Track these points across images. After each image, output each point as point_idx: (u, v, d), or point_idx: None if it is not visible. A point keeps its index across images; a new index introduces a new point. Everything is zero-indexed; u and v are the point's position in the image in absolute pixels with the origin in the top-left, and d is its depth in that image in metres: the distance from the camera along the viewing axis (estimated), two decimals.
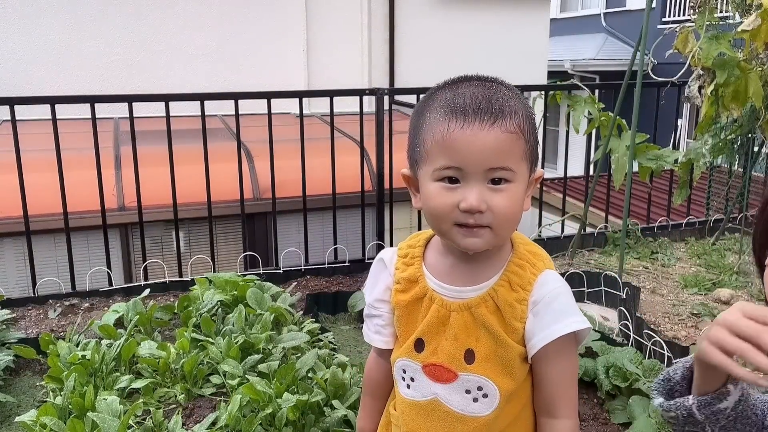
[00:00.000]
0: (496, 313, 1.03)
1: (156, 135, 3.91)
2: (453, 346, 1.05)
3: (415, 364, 1.09)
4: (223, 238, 4.57)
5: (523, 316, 1.03)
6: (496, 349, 1.03)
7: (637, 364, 2.40)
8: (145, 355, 2.42)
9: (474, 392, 1.05)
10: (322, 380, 2.17)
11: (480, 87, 1.00)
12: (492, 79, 1.04)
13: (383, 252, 1.18)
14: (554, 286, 1.04)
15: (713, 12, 3.14)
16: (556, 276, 1.06)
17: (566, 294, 1.05)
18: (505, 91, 1.01)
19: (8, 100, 3.28)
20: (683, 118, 7.81)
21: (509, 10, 8.58)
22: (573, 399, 1.07)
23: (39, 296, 3.32)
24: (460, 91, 0.99)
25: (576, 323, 1.02)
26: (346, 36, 7.98)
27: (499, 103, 0.97)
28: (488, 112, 0.96)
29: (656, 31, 3.91)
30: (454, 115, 0.96)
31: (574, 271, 3.48)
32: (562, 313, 1.02)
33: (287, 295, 2.94)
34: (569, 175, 4.64)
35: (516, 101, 1.00)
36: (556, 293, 1.03)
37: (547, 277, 1.05)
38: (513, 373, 1.04)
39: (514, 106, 0.98)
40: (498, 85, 1.02)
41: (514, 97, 1.00)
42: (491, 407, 1.05)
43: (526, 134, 0.99)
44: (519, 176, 0.99)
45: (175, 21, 7.28)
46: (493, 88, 1.00)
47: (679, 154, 3.75)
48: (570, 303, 1.04)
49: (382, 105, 3.84)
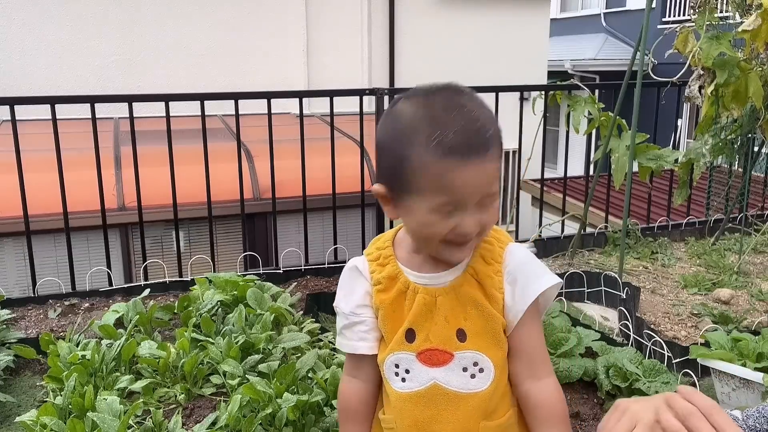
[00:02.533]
0: (479, 288, 1.10)
1: (156, 135, 3.91)
2: (445, 328, 1.09)
3: (409, 355, 1.11)
4: (223, 238, 4.57)
5: (500, 286, 1.10)
6: (484, 323, 1.09)
7: (637, 364, 2.40)
8: (145, 355, 2.42)
9: (471, 369, 1.09)
10: (322, 380, 2.17)
11: (460, 112, 0.99)
12: (463, 91, 1.03)
13: (352, 261, 1.20)
14: (521, 254, 1.12)
15: (713, 12, 3.14)
16: (521, 246, 1.14)
17: (534, 259, 1.14)
18: (479, 108, 1.01)
19: (8, 100, 3.28)
20: (683, 118, 7.82)
21: (509, 10, 8.59)
22: (548, 358, 1.16)
23: (39, 296, 3.32)
24: (443, 120, 0.98)
25: (550, 279, 1.10)
26: (346, 36, 7.98)
27: (484, 131, 0.99)
28: (480, 147, 0.98)
29: (656, 31, 3.91)
30: (451, 156, 0.97)
31: (574, 271, 3.48)
32: (535, 274, 1.11)
33: (287, 295, 2.94)
34: (569, 175, 4.63)
35: (488, 116, 1.02)
36: (525, 260, 1.12)
37: (513, 248, 1.13)
38: (500, 343, 1.10)
39: (492, 126, 1.01)
40: (472, 101, 1.02)
41: (486, 111, 1.02)
42: (488, 380, 1.09)
43: (500, 151, 1.03)
44: (497, 191, 1.05)
45: (175, 21, 7.29)
46: (473, 110, 1.00)
47: (679, 154, 3.75)
48: (538, 264, 1.13)
49: (382, 105, 3.84)
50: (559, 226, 4.42)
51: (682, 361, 2.59)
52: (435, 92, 1.03)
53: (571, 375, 2.45)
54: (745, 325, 2.89)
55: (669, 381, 2.33)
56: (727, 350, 2.34)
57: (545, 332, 2.57)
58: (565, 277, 3.42)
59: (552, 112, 5.49)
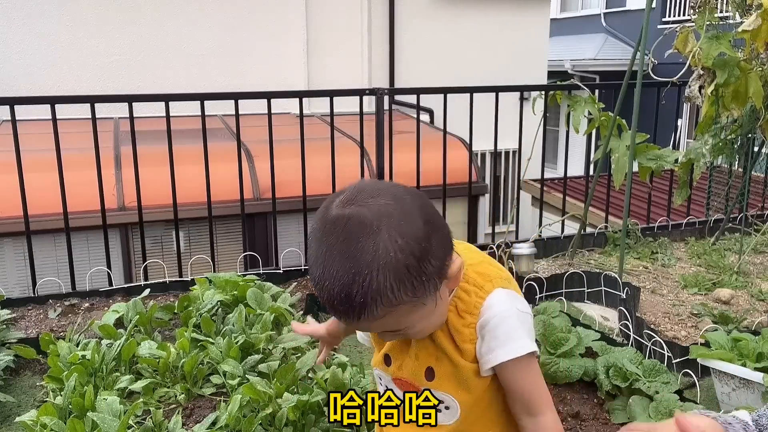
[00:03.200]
0: (449, 338, 1.07)
1: (156, 135, 3.91)
2: (415, 365, 1.10)
3: (387, 375, 1.16)
4: (223, 238, 4.57)
5: (472, 338, 1.06)
6: (453, 370, 1.08)
7: (637, 364, 2.40)
8: (145, 355, 2.42)
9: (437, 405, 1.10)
10: (322, 380, 2.17)
11: (337, 263, 0.89)
12: (351, 227, 0.90)
13: None
14: (499, 310, 1.04)
15: (713, 12, 3.14)
16: (504, 297, 1.05)
17: (511, 317, 1.04)
18: (364, 257, 0.88)
19: (8, 100, 3.28)
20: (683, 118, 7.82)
21: (509, 10, 8.59)
22: (545, 395, 1.10)
23: (39, 296, 3.32)
24: (320, 273, 0.92)
25: (519, 348, 1.03)
26: (346, 36, 7.98)
27: (362, 298, 0.89)
28: (350, 313, 0.91)
29: (656, 31, 3.91)
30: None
31: (574, 271, 3.48)
32: (508, 337, 1.03)
33: (287, 295, 2.94)
34: (569, 175, 4.63)
35: (384, 267, 0.88)
36: (501, 318, 1.03)
37: (493, 300, 1.04)
38: (470, 388, 1.08)
39: (383, 281, 0.88)
40: (357, 242, 0.89)
41: (382, 258, 0.88)
42: (453, 417, 1.10)
43: (405, 298, 0.91)
44: (418, 319, 0.99)
45: (175, 21, 7.29)
46: (350, 267, 0.88)
47: (679, 154, 3.74)
48: (514, 327, 1.04)
49: (382, 105, 3.84)
50: (559, 226, 4.42)
51: (682, 361, 2.59)
52: (326, 222, 0.93)
53: (571, 375, 2.45)
54: (745, 325, 2.90)
55: (669, 381, 2.33)
56: (727, 350, 2.34)
57: (545, 332, 2.57)
58: (565, 277, 3.42)
59: (552, 112, 5.50)
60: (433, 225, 0.95)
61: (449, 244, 0.99)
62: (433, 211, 0.99)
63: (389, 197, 0.94)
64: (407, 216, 0.92)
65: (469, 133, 4.08)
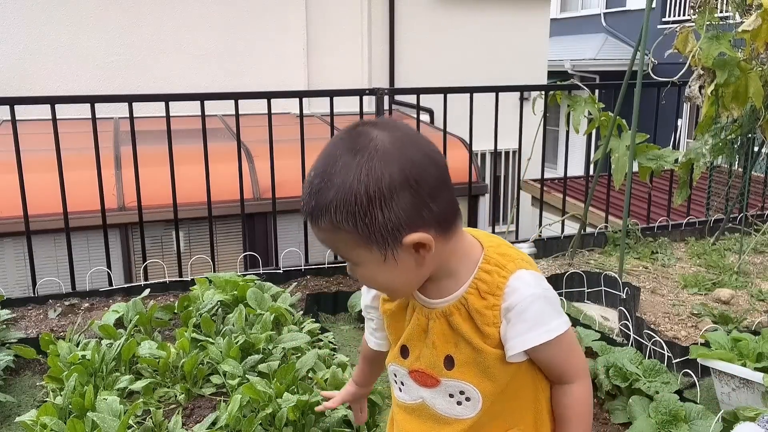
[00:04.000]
0: (469, 321, 1.03)
1: (156, 135, 3.91)
2: (432, 354, 1.07)
3: (403, 369, 1.12)
4: (223, 238, 4.57)
5: (496, 321, 1.02)
6: (474, 355, 1.04)
7: (637, 364, 2.40)
8: (145, 355, 2.42)
9: (457, 396, 1.07)
10: (322, 380, 2.17)
11: (321, 160, 0.97)
12: (351, 139, 0.97)
13: None
14: (527, 293, 1.00)
15: (713, 12, 3.14)
16: (528, 279, 1.02)
17: (539, 301, 1.01)
18: (340, 167, 0.93)
19: (8, 100, 3.28)
20: (683, 118, 7.82)
21: (509, 10, 8.59)
22: (579, 363, 1.08)
23: (39, 296, 3.32)
24: (315, 160, 1.01)
25: (551, 331, 1.01)
26: (346, 36, 7.98)
27: (317, 197, 0.94)
28: (304, 208, 0.97)
29: (656, 31, 3.91)
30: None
31: (574, 271, 3.48)
32: (536, 322, 1.00)
33: (287, 295, 2.94)
34: (569, 175, 4.64)
35: (341, 185, 0.92)
36: (529, 302, 1.00)
37: (518, 283, 1.01)
38: (493, 377, 1.04)
39: (334, 196, 0.92)
40: (340, 155, 0.95)
41: (345, 176, 0.92)
42: (475, 409, 1.06)
43: (344, 226, 0.93)
44: (364, 261, 0.97)
45: (175, 21, 7.29)
46: (329, 167, 0.94)
47: (679, 154, 3.75)
48: (543, 311, 1.01)
49: (382, 105, 3.84)
50: (559, 226, 4.42)
51: (682, 361, 2.59)
52: (337, 135, 1.02)
53: None
54: (745, 325, 2.90)
55: (669, 381, 2.33)
56: (727, 350, 2.34)
57: None
58: (565, 277, 3.42)
59: (552, 112, 5.50)
60: (412, 189, 0.93)
61: (419, 218, 0.94)
62: (431, 182, 0.95)
63: (400, 141, 0.95)
64: (390, 162, 0.92)
65: (469, 133, 4.08)
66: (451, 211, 1.00)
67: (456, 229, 1.02)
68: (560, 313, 1.04)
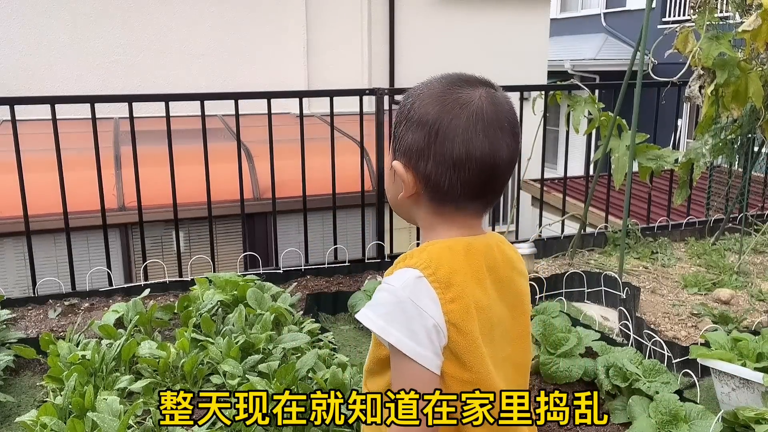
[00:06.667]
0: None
1: (156, 135, 3.91)
2: None
3: None
4: (223, 238, 4.57)
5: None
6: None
7: (637, 364, 2.40)
8: (145, 355, 2.42)
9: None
10: (322, 380, 2.17)
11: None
12: (463, 76, 1.08)
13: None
14: (386, 281, 1.01)
15: (713, 12, 3.14)
16: (403, 277, 0.99)
17: (387, 294, 0.98)
18: (434, 80, 1.06)
19: (8, 100, 3.28)
20: (683, 118, 7.82)
21: (509, 10, 8.59)
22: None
23: (39, 296, 3.32)
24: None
25: (364, 316, 0.99)
26: (346, 36, 7.98)
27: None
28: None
29: (656, 31, 3.91)
30: None
31: (574, 271, 3.48)
32: (369, 304, 1.01)
33: (287, 295, 2.94)
34: (569, 175, 4.63)
35: (417, 91, 1.06)
36: (381, 288, 1.00)
37: (397, 273, 1.01)
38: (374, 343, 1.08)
39: (408, 93, 1.07)
40: (450, 77, 1.06)
41: (423, 88, 1.05)
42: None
43: (397, 116, 1.08)
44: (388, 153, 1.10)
45: (175, 21, 7.29)
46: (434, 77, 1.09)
47: (679, 154, 3.75)
48: (380, 301, 0.99)
49: (382, 105, 3.84)
50: (559, 226, 4.42)
51: (682, 361, 2.59)
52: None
53: (571, 375, 2.46)
54: (745, 325, 2.90)
55: (669, 381, 2.33)
56: (727, 350, 2.34)
57: (545, 332, 2.58)
58: (565, 277, 3.42)
59: (552, 112, 5.50)
60: (429, 136, 1.00)
61: (415, 159, 1.01)
62: (452, 152, 0.98)
63: (480, 111, 0.99)
64: (444, 107, 1.00)
65: None
66: (450, 186, 1.01)
67: (451, 208, 1.04)
68: (391, 321, 0.96)
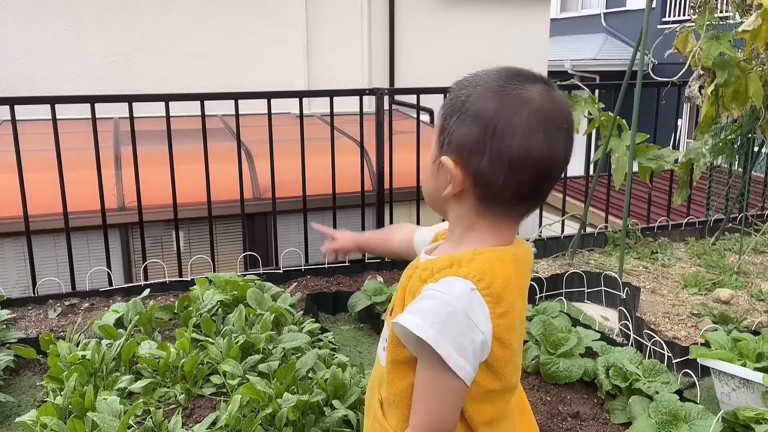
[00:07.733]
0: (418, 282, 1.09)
1: (156, 135, 3.91)
2: (394, 297, 1.12)
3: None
4: (223, 238, 4.57)
5: (416, 294, 1.00)
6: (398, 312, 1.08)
7: (637, 364, 2.40)
8: (145, 355, 2.42)
9: (383, 342, 1.09)
10: (322, 380, 2.17)
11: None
12: (520, 71, 1.05)
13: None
14: (434, 288, 0.96)
15: (713, 12, 3.14)
16: (454, 286, 0.94)
17: (436, 301, 0.93)
18: (489, 72, 1.03)
19: (8, 100, 3.28)
20: (683, 118, 7.81)
21: (509, 10, 8.59)
22: (422, 415, 0.96)
23: (39, 296, 3.32)
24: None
25: (407, 320, 0.93)
26: (346, 36, 7.98)
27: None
28: None
29: (656, 31, 3.91)
30: None
31: (574, 271, 3.48)
32: (412, 309, 0.95)
33: (287, 295, 2.94)
34: (569, 175, 4.64)
35: (468, 80, 1.03)
36: (428, 294, 0.95)
37: (446, 281, 0.96)
38: (390, 341, 1.03)
39: (457, 82, 1.04)
40: (507, 71, 1.03)
41: (479, 79, 1.01)
42: (384, 361, 1.05)
43: (442, 110, 1.04)
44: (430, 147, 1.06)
45: (175, 21, 7.28)
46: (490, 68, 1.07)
47: (679, 154, 3.74)
48: (428, 308, 0.93)
49: (382, 105, 3.84)
50: (559, 226, 4.42)
51: (682, 361, 2.59)
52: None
53: (571, 375, 2.46)
54: (745, 325, 2.90)
55: (669, 381, 2.33)
56: (727, 350, 2.34)
57: (545, 332, 2.57)
58: (565, 277, 3.42)
59: None
60: (486, 132, 0.95)
61: (468, 155, 0.97)
62: (509, 150, 0.94)
63: (539, 108, 0.96)
64: (505, 103, 0.96)
65: None
66: (504, 185, 0.96)
67: (497, 211, 1.01)
68: (444, 332, 0.91)
